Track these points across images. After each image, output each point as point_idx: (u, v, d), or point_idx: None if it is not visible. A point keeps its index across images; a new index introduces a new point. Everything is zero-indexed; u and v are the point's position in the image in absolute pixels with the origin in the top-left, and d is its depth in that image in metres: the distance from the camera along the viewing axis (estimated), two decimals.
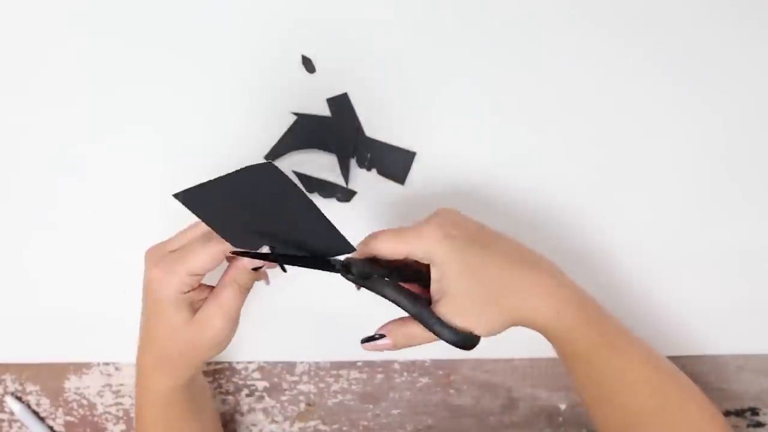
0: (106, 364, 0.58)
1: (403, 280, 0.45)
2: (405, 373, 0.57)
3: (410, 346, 0.45)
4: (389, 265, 0.45)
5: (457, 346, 0.43)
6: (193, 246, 0.43)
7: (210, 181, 0.38)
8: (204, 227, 0.44)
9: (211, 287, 0.45)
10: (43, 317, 0.57)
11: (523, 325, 0.44)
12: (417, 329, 0.43)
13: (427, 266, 0.43)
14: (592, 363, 0.45)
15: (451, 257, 0.42)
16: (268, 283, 0.49)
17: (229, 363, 0.58)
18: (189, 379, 0.47)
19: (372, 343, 0.45)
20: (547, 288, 0.43)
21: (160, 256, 0.44)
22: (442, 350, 0.57)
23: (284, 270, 0.44)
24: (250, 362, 0.58)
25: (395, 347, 0.45)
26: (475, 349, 0.43)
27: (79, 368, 0.58)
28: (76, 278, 0.57)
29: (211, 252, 0.42)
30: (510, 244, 0.45)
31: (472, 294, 0.42)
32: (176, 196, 0.39)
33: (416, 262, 0.44)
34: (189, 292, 0.44)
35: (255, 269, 0.44)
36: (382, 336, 0.44)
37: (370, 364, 0.57)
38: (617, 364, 0.45)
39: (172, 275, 0.43)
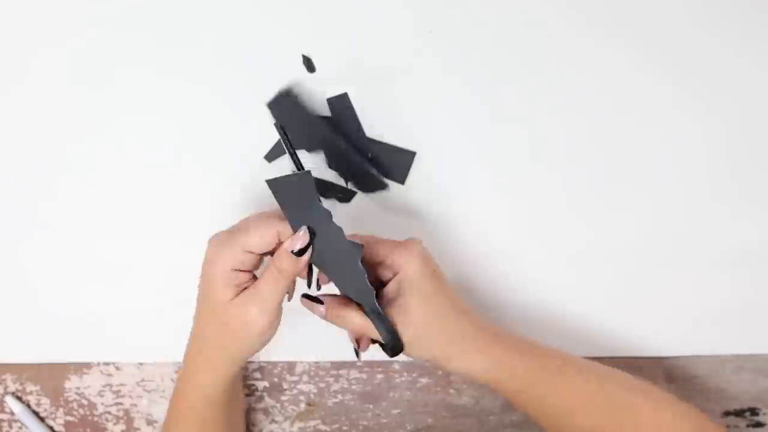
0: (107, 364, 0.58)
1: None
2: (405, 373, 0.58)
3: (339, 325, 0.46)
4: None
5: (384, 348, 0.46)
6: (249, 223, 0.44)
7: (296, 174, 0.43)
8: (265, 212, 0.46)
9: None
10: (44, 317, 0.57)
11: (453, 372, 0.47)
12: (354, 315, 0.45)
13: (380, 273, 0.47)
14: (533, 393, 0.46)
15: (422, 278, 0.45)
16: (291, 298, 0.48)
17: None
18: (231, 376, 0.47)
19: (307, 302, 0.47)
20: (488, 340, 0.46)
21: (220, 234, 0.45)
22: None
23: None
24: (250, 362, 0.58)
25: (324, 318, 0.46)
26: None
27: (80, 368, 0.58)
28: (76, 278, 0.57)
29: (264, 230, 0.43)
30: (461, 305, 0.48)
31: (420, 313, 0.45)
32: (268, 182, 0.43)
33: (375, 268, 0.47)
34: (241, 271, 0.44)
35: (296, 253, 0.43)
36: (320, 302, 0.46)
37: (370, 364, 0.57)
38: (555, 390, 0.46)
39: (226, 249, 0.44)
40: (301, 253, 0.43)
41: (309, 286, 0.47)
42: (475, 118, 0.54)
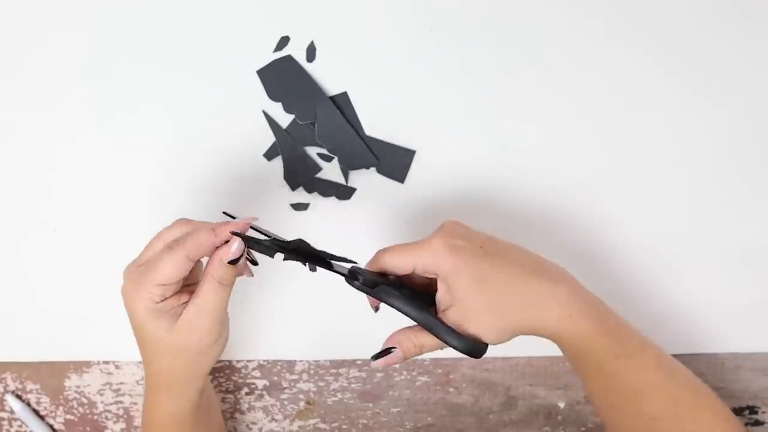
0: (106, 362, 0.58)
1: (411, 294, 0.45)
2: (404, 372, 0.58)
3: (420, 354, 0.44)
4: (398, 279, 0.45)
5: (466, 354, 0.43)
6: (158, 256, 0.42)
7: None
8: (168, 237, 0.43)
9: (188, 294, 0.44)
10: (43, 316, 0.57)
11: (533, 334, 0.44)
12: (426, 338, 0.43)
13: (435, 280, 0.44)
14: (604, 370, 0.45)
15: (458, 269, 0.42)
16: (251, 275, 0.46)
17: (229, 361, 0.58)
18: (197, 393, 0.46)
19: (383, 359, 0.44)
20: (560, 298, 0.43)
21: (132, 269, 0.43)
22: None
23: (256, 263, 0.45)
24: (250, 361, 0.58)
25: (405, 359, 0.44)
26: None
27: (80, 367, 0.58)
28: (76, 276, 0.57)
29: (175, 259, 0.41)
30: (522, 254, 0.45)
31: (478, 304, 0.42)
32: None
33: (425, 277, 0.44)
34: (163, 301, 0.42)
35: (231, 263, 0.42)
36: (390, 349, 0.44)
37: (369, 363, 0.57)
38: (630, 372, 0.45)
39: (140, 288, 0.41)
40: (235, 261, 0.42)
41: (313, 270, 0.44)
42: (475, 117, 0.54)
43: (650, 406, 0.45)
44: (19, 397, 0.58)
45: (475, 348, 0.43)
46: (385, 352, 0.44)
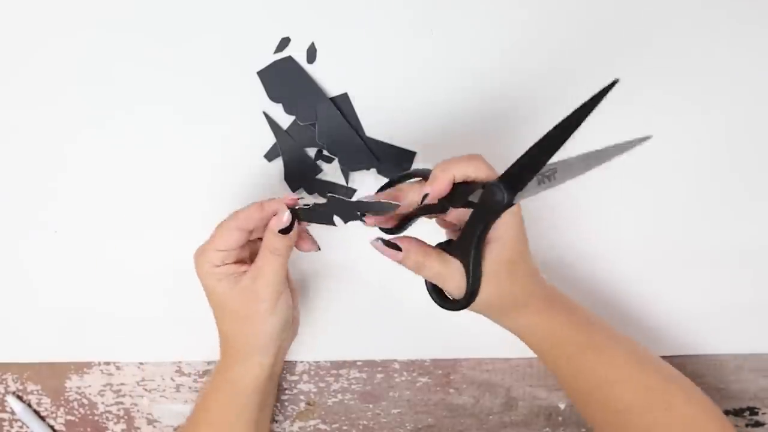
0: (107, 363, 0.58)
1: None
2: (405, 373, 0.58)
3: (415, 272, 0.45)
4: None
5: (449, 303, 0.45)
6: (217, 227, 0.47)
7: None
8: (233, 215, 0.47)
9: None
10: (44, 317, 0.57)
11: (503, 323, 0.47)
12: (434, 263, 0.44)
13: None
14: (573, 363, 0.46)
15: (515, 218, 0.45)
16: (317, 248, 0.49)
17: None
18: (255, 366, 0.49)
19: (383, 246, 0.45)
20: (542, 296, 0.46)
21: (200, 246, 0.48)
22: (442, 350, 0.57)
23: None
24: None
25: (399, 262, 0.45)
26: (473, 345, 0.45)
27: (80, 368, 0.58)
28: (76, 277, 0.57)
29: (225, 228, 0.46)
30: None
31: (501, 268, 0.44)
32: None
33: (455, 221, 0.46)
34: (224, 266, 0.47)
35: (282, 231, 0.45)
36: (396, 247, 0.45)
37: (369, 364, 0.57)
38: (599, 364, 0.46)
39: (202, 254, 0.47)
40: (286, 231, 0.45)
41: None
42: (475, 118, 0.54)
43: (620, 397, 0.45)
44: (19, 398, 0.58)
45: (474, 292, 0.44)
46: (392, 245, 0.45)
